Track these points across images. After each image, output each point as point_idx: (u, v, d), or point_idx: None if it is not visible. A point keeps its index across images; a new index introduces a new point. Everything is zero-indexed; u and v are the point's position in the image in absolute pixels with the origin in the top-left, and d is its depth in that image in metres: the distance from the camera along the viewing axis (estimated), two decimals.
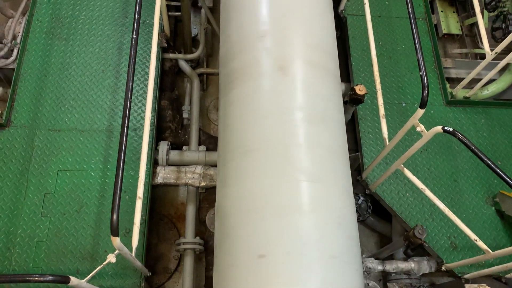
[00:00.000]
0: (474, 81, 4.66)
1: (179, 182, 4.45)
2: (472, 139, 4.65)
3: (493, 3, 4.78)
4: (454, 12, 5.73)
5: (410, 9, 3.41)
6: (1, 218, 3.86)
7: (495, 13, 4.83)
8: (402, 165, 3.64)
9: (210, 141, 5.13)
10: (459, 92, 4.85)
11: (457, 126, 4.71)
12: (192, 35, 5.67)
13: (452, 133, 2.96)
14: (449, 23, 5.64)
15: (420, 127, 3.18)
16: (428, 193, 3.60)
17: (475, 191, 4.39)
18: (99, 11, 4.95)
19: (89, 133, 4.28)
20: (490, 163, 2.92)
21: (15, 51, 4.85)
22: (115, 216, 2.60)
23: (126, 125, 2.81)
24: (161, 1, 4.16)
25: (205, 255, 4.69)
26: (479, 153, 2.89)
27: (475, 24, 5.52)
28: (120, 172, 2.76)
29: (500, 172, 2.97)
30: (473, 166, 4.51)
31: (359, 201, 4.62)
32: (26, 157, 4.11)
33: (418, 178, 3.68)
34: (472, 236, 3.45)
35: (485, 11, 5.18)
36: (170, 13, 5.43)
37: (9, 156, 4.10)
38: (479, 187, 4.42)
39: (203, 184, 4.45)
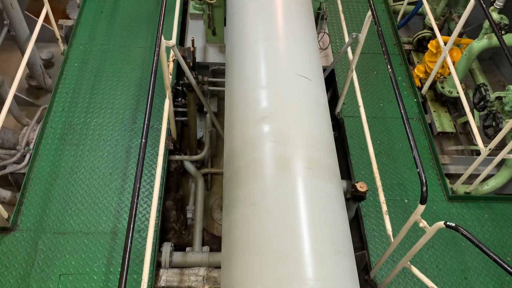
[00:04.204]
0: (473, 176, 4.76)
1: (182, 286, 4.34)
2: (478, 234, 4.62)
3: (482, 103, 5.05)
4: (446, 111, 6.03)
5: (402, 111, 3.62)
6: None
7: (485, 112, 5.08)
8: (409, 263, 3.59)
9: (214, 241, 5.09)
10: (460, 187, 4.93)
11: (461, 222, 4.70)
12: (198, 138, 5.93)
13: (455, 228, 2.97)
14: (443, 122, 5.90)
15: (423, 223, 3.20)
16: None
17: None
18: (109, 118, 5.24)
19: (94, 235, 4.29)
20: (497, 258, 2.88)
21: (27, 156, 5.06)
22: None
23: (132, 226, 2.85)
24: (169, 108, 4.43)
25: None
26: (484, 248, 2.87)
27: (468, 122, 5.78)
28: (124, 275, 2.73)
29: (509, 269, 2.91)
30: (482, 263, 4.42)
31: None
32: (29, 261, 4.08)
33: (427, 276, 3.60)
34: None
35: (475, 110, 5.46)
36: (177, 118, 5.73)
37: (12, 260, 4.07)
38: (491, 285, 4.28)
39: (206, 287, 4.34)
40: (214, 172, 5.98)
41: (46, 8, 5.34)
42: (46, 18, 5.34)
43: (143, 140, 3.24)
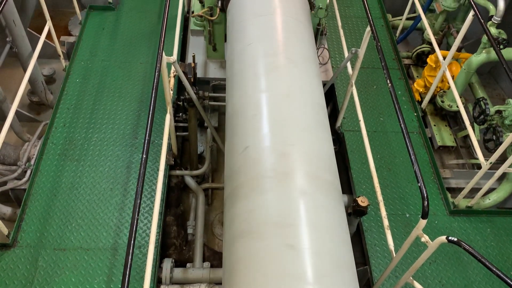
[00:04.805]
0: (475, 190, 4.75)
1: None
2: (480, 249, 4.59)
3: (482, 116, 5.06)
4: (446, 125, 6.04)
5: (402, 125, 3.63)
6: None
7: (485, 125, 5.09)
8: (411, 278, 3.55)
9: (214, 257, 5.06)
10: (461, 201, 4.91)
11: (463, 236, 4.68)
12: (198, 152, 5.94)
13: (457, 243, 2.95)
14: (443, 136, 5.91)
15: (425, 238, 3.18)
16: None
17: None
18: (110, 133, 5.26)
19: (94, 251, 4.26)
20: (500, 273, 2.85)
21: (28, 172, 5.05)
22: None
23: (132, 242, 2.83)
24: (170, 123, 4.45)
25: None
26: (487, 263, 2.85)
27: (468, 136, 5.78)
28: None
29: None
30: (485, 278, 4.38)
31: None
32: (29, 277, 4.05)
33: None
34: None
35: (475, 124, 5.47)
36: (177, 133, 5.74)
37: (12, 277, 4.04)
38: None
39: None
40: (215, 187, 5.97)
41: (49, 25, 5.40)
42: (48, 34, 5.39)
43: (144, 156, 3.24)
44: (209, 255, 5.08)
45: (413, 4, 6.31)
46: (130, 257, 2.77)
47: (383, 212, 3.82)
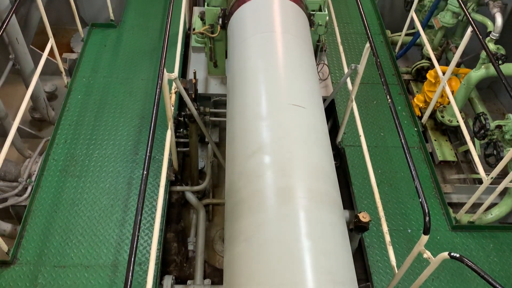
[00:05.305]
0: (476, 205, 4.73)
1: None
2: (483, 265, 4.55)
3: (482, 131, 5.07)
4: (446, 140, 6.05)
5: (402, 140, 3.64)
6: None
7: (485, 140, 5.10)
8: None
9: (215, 274, 5.03)
10: (463, 216, 4.89)
11: (466, 252, 4.64)
12: (199, 168, 5.94)
13: (460, 259, 2.93)
14: (444, 151, 5.91)
15: (427, 254, 3.17)
16: None
17: None
18: (111, 149, 5.27)
19: (94, 268, 4.23)
20: None
21: (29, 189, 5.05)
22: None
23: (133, 259, 2.82)
24: (171, 138, 4.46)
25: None
26: (490, 279, 2.83)
27: (469, 150, 5.78)
28: None
29: None
30: None
31: None
32: None
33: None
34: None
35: (476, 139, 5.48)
36: (178, 149, 5.75)
37: None
38: None
39: None
40: (216, 202, 5.96)
41: (51, 43, 5.46)
42: (51, 51, 5.45)
43: (145, 172, 3.24)
44: (210, 272, 5.05)
45: (412, 20, 6.38)
46: (130, 274, 2.75)
47: (385, 228, 3.80)
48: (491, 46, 5.26)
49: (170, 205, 5.19)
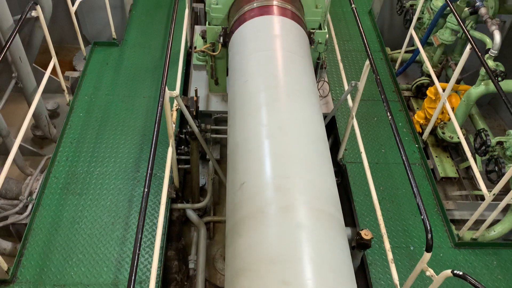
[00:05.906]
0: (479, 222, 4.70)
1: None
2: (487, 282, 4.50)
3: (483, 148, 5.07)
4: (448, 157, 6.04)
5: (403, 157, 3.63)
6: None
7: (487, 157, 5.09)
8: None
9: None
10: (466, 233, 4.85)
11: (469, 269, 4.60)
12: (200, 185, 5.93)
13: (463, 277, 2.90)
14: (445, 167, 5.90)
15: (430, 272, 3.14)
16: None
17: None
18: (113, 167, 5.27)
19: (94, 287, 4.19)
20: None
21: (30, 206, 5.04)
22: None
23: (133, 278, 2.79)
24: (172, 156, 4.47)
25: None
26: None
27: (470, 167, 5.77)
28: None
29: None
30: None
31: None
32: None
33: None
34: None
35: (477, 155, 5.47)
36: (179, 166, 5.75)
37: None
38: None
39: None
40: (217, 220, 5.93)
41: (54, 61, 5.51)
42: (53, 70, 5.50)
43: (146, 190, 3.24)
44: None
45: (412, 37, 6.44)
46: None
47: (387, 245, 3.77)
48: (490, 63, 5.29)
49: (171, 222, 5.17)
